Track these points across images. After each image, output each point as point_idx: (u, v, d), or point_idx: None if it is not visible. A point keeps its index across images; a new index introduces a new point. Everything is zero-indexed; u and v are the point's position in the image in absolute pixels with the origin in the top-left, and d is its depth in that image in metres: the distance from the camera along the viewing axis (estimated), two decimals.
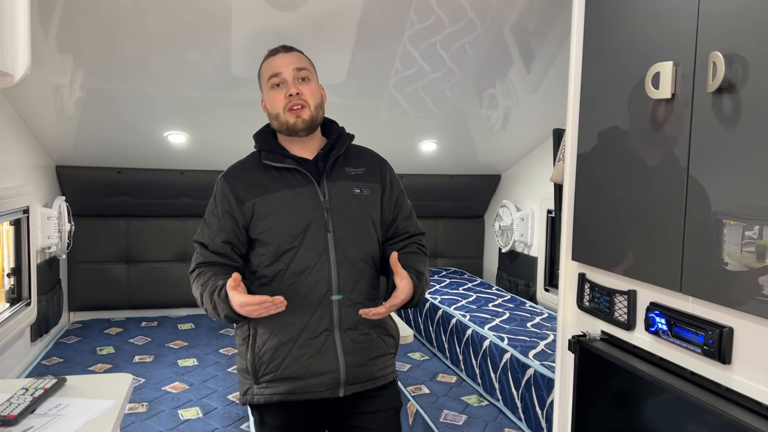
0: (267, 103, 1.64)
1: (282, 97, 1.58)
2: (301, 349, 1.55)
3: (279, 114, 1.59)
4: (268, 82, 1.62)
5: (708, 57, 1.11)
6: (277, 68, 1.61)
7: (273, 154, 1.62)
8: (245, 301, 1.40)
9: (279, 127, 1.62)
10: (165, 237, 4.28)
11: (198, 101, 3.30)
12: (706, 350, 1.15)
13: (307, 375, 1.56)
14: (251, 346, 1.58)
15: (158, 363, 3.23)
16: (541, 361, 2.51)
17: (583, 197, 1.52)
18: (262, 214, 1.57)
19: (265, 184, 1.60)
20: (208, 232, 1.61)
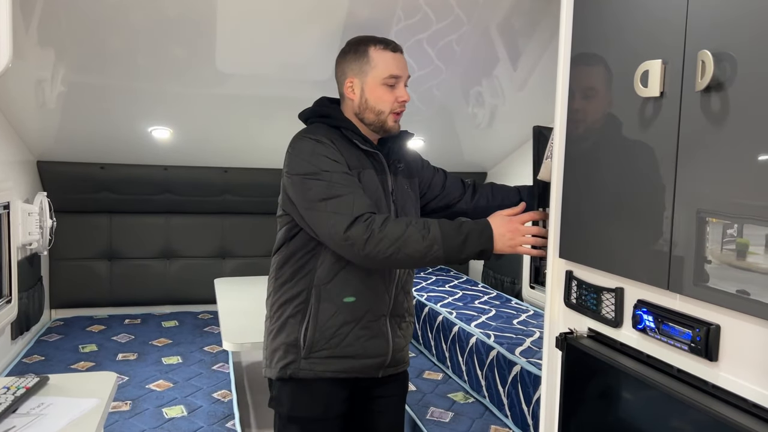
0: (372, 97, 1.65)
1: (393, 99, 1.64)
2: (362, 330, 1.62)
3: (383, 113, 1.64)
4: (385, 79, 1.63)
5: (697, 55, 1.12)
6: (399, 70, 1.66)
7: (357, 134, 1.65)
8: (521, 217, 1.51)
9: (373, 121, 1.65)
10: (148, 233, 4.23)
11: (182, 97, 3.26)
12: (693, 347, 1.15)
13: (362, 355, 1.63)
14: (311, 319, 1.59)
15: (142, 361, 3.19)
16: (527, 358, 2.52)
17: (571, 195, 1.52)
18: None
19: (354, 160, 1.62)
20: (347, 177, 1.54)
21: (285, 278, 1.66)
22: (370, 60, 1.64)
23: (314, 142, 1.57)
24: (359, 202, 1.50)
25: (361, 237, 1.46)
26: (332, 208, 1.50)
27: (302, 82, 3.01)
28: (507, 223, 1.50)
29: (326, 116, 1.68)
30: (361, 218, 1.48)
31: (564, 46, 1.57)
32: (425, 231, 1.46)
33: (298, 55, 2.90)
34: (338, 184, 1.52)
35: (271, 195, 4.23)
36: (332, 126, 1.65)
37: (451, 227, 1.48)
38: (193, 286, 4.26)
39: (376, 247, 1.46)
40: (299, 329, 1.61)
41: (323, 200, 1.51)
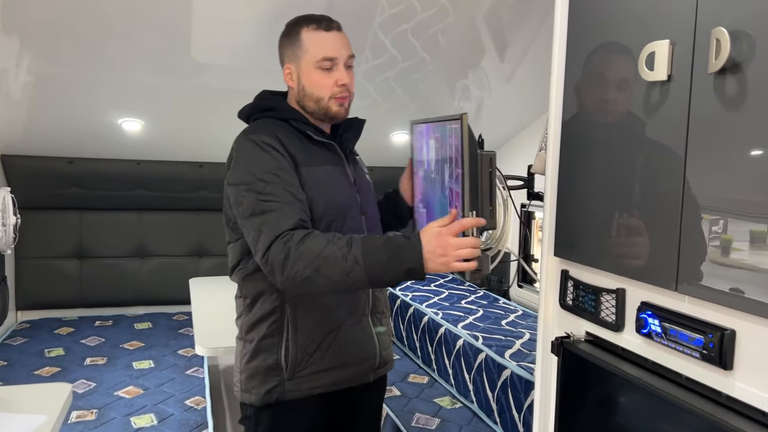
0: (308, 82, 1.52)
1: (331, 83, 1.50)
2: (345, 335, 1.52)
3: (323, 99, 1.51)
4: (318, 62, 1.50)
5: (710, 34, 1.02)
6: (333, 51, 1.50)
7: (307, 125, 1.52)
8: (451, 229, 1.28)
9: (315, 109, 1.53)
10: (121, 231, 4.08)
11: (155, 88, 3.14)
12: (706, 354, 1.06)
13: (351, 363, 1.53)
14: (290, 338, 1.47)
15: (111, 365, 3.05)
16: (518, 361, 2.42)
17: (567, 189, 1.42)
18: (311, 185, 1.45)
19: (308, 155, 1.49)
20: (286, 189, 1.38)
21: (252, 296, 1.53)
22: (302, 43, 1.52)
23: (253, 146, 1.42)
24: (286, 218, 1.34)
25: (278, 258, 1.30)
26: (257, 226, 1.36)
27: (281, 74, 2.91)
28: (437, 238, 1.28)
29: (270, 109, 1.55)
30: (281, 237, 1.32)
31: (559, 30, 1.47)
32: (346, 248, 1.29)
33: (274, 46, 2.78)
34: (270, 197, 1.37)
35: None
36: (280, 119, 1.52)
37: (375, 243, 1.30)
38: (168, 286, 4.12)
39: (293, 268, 1.29)
40: (278, 350, 1.48)
41: (251, 216, 1.37)
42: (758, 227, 0.95)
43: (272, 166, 1.40)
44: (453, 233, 1.30)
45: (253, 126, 1.53)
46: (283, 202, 1.37)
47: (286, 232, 1.32)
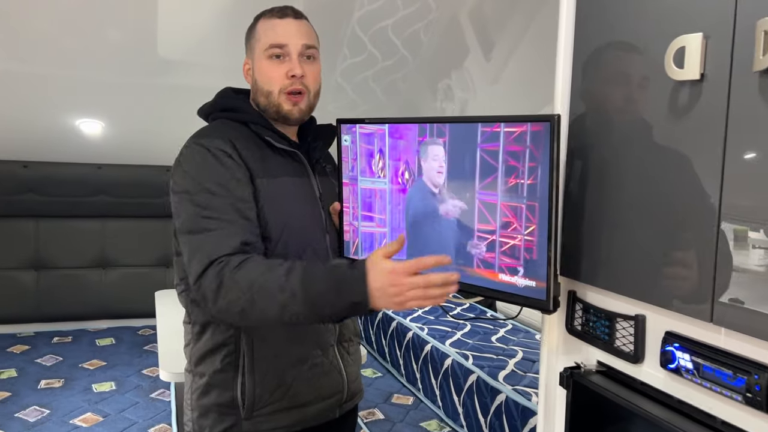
0: (258, 74, 1.36)
1: (281, 75, 1.33)
2: (311, 369, 1.35)
3: (272, 93, 1.34)
4: (266, 50, 1.34)
5: (755, 26, 0.89)
6: (283, 37, 1.34)
7: (268, 130, 1.36)
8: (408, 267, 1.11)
9: (267, 106, 1.36)
10: (81, 240, 3.92)
11: (117, 86, 2.99)
12: (750, 398, 0.92)
13: (316, 399, 1.37)
14: (248, 372, 1.30)
15: (68, 388, 2.85)
16: (513, 384, 2.28)
17: (575, 201, 1.28)
18: (265, 200, 1.28)
19: (266, 164, 1.31)
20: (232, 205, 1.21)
21: (201, 323, 1.35)
22: (256, 33, 1.39)
23: (204, 151, 1.25)
24: (226, 241, 1.18)
25: (211, 287, 1.15)
26: (193, 246, 1.19)
27: None
28: (389, 275, 1.12)
29: (230, 109, 1.38)
30: (216, 262, 1.16)
31: (566, 22, 1.33)
32: (284, 278, 1.13)
33: None
34: (212, 213, 1.20)
35: None
36: (239, 122, 1.36)
37: (317, 273, 1.15)
38: (133, 298, 3.98)
39: (225, 299, 1.14)
40: (234, 386, 1.31)
41: (188, 234, 1.21)
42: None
43: (222, 176, 1.23)
44: (408, 273, 1.12)
45: (207, 128, 1.36)
46: (227, 220, 1.20)
47: (223, 257, 1.16)
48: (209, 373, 1.33)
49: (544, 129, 1.24)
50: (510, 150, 1.30)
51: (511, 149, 1.30)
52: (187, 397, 1.40)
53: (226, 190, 1.22)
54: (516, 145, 1.29)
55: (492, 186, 1.32)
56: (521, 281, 1.30)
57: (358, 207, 1.57)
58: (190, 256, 1.20)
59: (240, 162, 1.26)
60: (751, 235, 0.92)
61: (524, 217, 1.28)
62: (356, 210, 1.54)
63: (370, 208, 1.58)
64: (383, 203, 1.56)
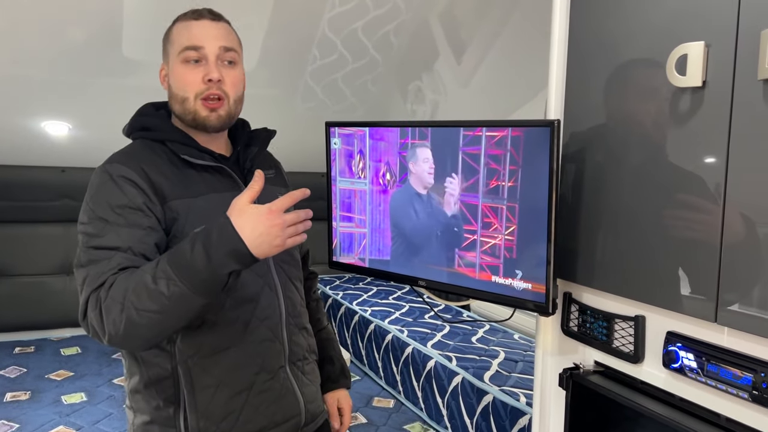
0: (173, 80, 1.25)
1: (197, 80, 1.22)
2: (260, 396, 1.25)
3: (188, 99, 1.23)
4: (181, 53, 1.23)
5: (759, 35, 0.92)
6: (198, 39, 1.23)
7: (186, 146, 1.25)
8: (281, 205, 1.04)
9: (183, 113, 1.25)
10: (44, 246, 3.80)
11: (82, 87, 2.90)
12: (757, 396, 0.95)
13: (268, 426, 1.27)
14: (188, 407, 1.20)
15: (36, 401, 2.73)
16: (499, 385, 2.29)
17: (571, 203, 1.30)
18: (190, 220, 1.18)
19: (186, 184, 1.21)
20: (123, 232, 1.11)
21: (132, 358, 1.24)
22: (170, 36, 1.28)
23: (106, 178, 1.16)
24: (109, 270, 1.09)
25: (94, 315, 1.07)
26: (80, 279, 1.11)
27: None
28: (265, 218, 1.05)
29: (145, 128, 1.28)
30: (95, 291, 1.08)
31: (559, 26, 1.34)
32: (154, 267, 1.06)
33: None
34: (103, 243, 1.11)
35: None
36: (157, 141, 1.26)
37: (182, 246, 1.07)
38: None
39: (108, 320, 1.05)
40: (176, 422, 1.21)
41: (78, 267, 1.13)
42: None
43: (119, 203, 1.14)
44: (282, 208, 1.07)
45: (119, 152, 1.25)
46: (118, 249, 1.11)
47: (100, 285, 1.08)
48: (148, 411, 1.22)
49: (524, 134, 1.26)
50: (491, 153, 1.31)
51: (492, 153, 1.31)
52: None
53: (121, 217, 1.13)
54: (497, 148, 1.30)
55: (474, 188, 1.33)
56: (518, 284, 1.32)
57: (337, 208, 1.54)
58: (79, 291, 1.11)
59: (146, 188, 1.16)
60: (754, 237, 0.95)
61: (505, 218, 1.30)
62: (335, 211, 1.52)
63: (349, 208, 1.56)
64: (363, 204, 1.54)
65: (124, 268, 1.08)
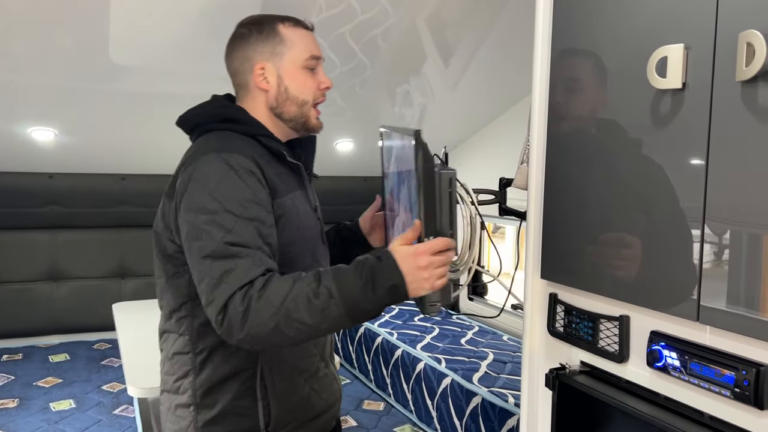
0: (293, 83, 1.30)
1: (315, 86, 1.32)
2: (320, 381, 1.37)
3: (306, 103, 1.31)
4: (307, 60, 1.31)
5: (737, 38, 0.93)
6: (318, 50, 1.34)
7: (278, 143, 1.31)
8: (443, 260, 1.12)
9: (294, 115, 1.31)
10: (31, 252, 3.75)
11: (69, 92, 2.88)
12: (739, 393, 0.96)
13: (325, 409, 1.38)
14: (271, 396, 1.27)
15: (24, 408, 2.71)
16: (488, 387, 2.29)
17: (555, 204, 1.31)
18: (287, 218, 1.23)
19: (285, 179, 1.28)
20: (256, 228, 1.14)
21: (211, 350, 1.25)
22: (285, 39, 1.30)
23: (226, 168, 1.17)
24: (254, 268, 1.11)
25: (237, 312, 1.08)
26: (217, 273, 1.11)
27: (212, 77, 2.70)
28: (415, 258, 1.11)
29: (232, 120, 1.29)
30: (242, 288, 1.10)
31: (542, 29, 1.35)
32: (315, 283, 1.09)
33: (206, 47, 2.58)
34: (238, 238, 1.13)
35: None
36: (246, 134, 1.27)
37: (347, 271, 1.11)
38: (87, 311, 3.83)
39: (255, 321, 1.08)
40: (255, 412, 1.25)
41: (209, 258, 1.12)
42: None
43: (246, 198, 1.15)
44: (432, 251, 1.13)
45: (219, 140, 1.25)
46: (252, 247, 1.13)
47: (247, 285, 1.09)
48: (224, 402, 1.24)
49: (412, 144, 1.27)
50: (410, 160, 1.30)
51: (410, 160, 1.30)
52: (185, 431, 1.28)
53: (249, 213, 1.14)
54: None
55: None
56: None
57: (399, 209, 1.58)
58: (211, 283, 1.10)
59: (263, 182, 1.20)
60: (735, 237, 0.96)
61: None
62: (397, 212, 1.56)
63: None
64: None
65: (268, 269, 1.12)
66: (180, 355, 1.28)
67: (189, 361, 1.27)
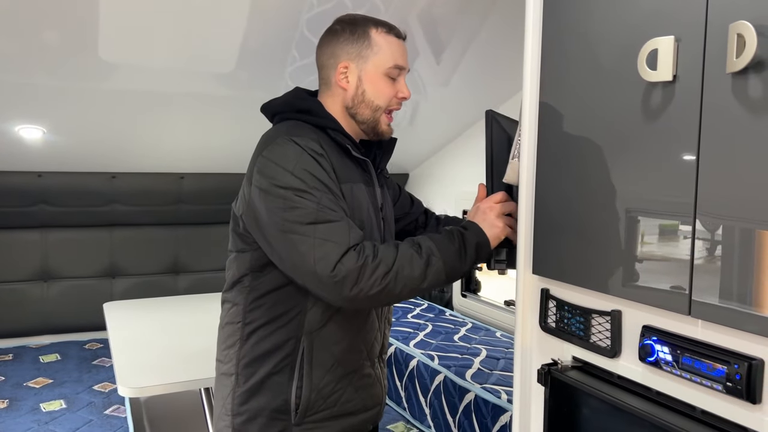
0: (371, 88, 1.36)
1: (392, 94, 1.37)
2: (362, 379, 1.39)
3: (379, 109, 1.37)
4: (390, 68, 1.36)
5: (727, 29, 0.92)
6: (404, 61, 1.39)
7: (345, 137, 1.36)
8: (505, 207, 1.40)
9: (369, 119, 1.37)
10: (20, 252, 3.71)
11: (57, 91, 2.83)
12: (731, 387, 0.95)
13: (361, 410, 1.40)
14: (305, 376, 1.30)
15: (14, 409, 2.68)
16: (481, 383, 2.29)
17: (547, 200, 1.30)
18: (349, 206, 1.31)
19: (347, 170, 1.34)
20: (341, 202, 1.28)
21: (258, 323, 1.33)
22: (373, 44, 1.35)
23: (300, 150, 1.26)
24: (354, 230, 1.25)
25: (354, 268, 1.20)
26: (323, 234, 1.21)
27: (202, 75, 2.73)
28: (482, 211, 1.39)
29: (307, 111, 1.36)
30: (354, 248, 1.22)
31: (533, 24, 1.34)
32: (416, 246, 1.27)
33: (196, 44, 2.57)
34: (331, 206, 1.24)
35: (170, 203, 3.93)
36: (317, 126, 1.34)
37: (440, 236, 1.32)
38: (78, 311, 3.80)
39: (371, 278, 1.20)
40: (288, 389, 1.30)
41: (313, 224, 1.22)
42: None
43: (323, 177, 1.26)
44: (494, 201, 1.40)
45: (288, 128, 1.33)
46: (342, 216, 1.25)
47: (356, 244, 1.23)
48: (261, 374, 1.31)
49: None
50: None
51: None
52: (225, 402, 1.36)
53: (328, 189, 1.25)
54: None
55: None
56: None
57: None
58: (315, 244, 1.20)
59: (328, 168, 1.28)
60: (726, 230, 0.95)
61: None
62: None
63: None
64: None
65: (360, 235, 1.25)
66: (231, 325, 1.37)
67: (237, 331, 1.35)
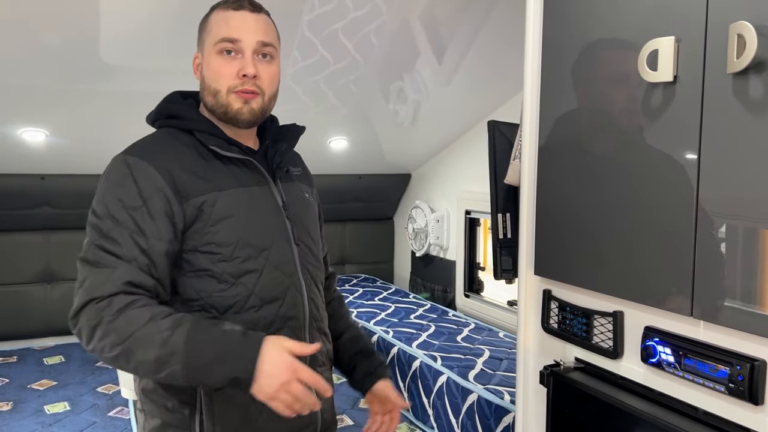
0: (207, 71, 1.21)
1: (232, 72, 1.18)
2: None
3: (220, 92, 1.19)
4: (217, 44, 1.19)
5: (728, 30, 0.92)
6: (236, 31, 1.19)
7: (215, 137, 1.20)
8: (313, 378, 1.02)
9: (215, 106, 1.21)
10: (24, 254, 3.68)
11: (59, 93, 2.82)
12: (733, 388, 0.95)
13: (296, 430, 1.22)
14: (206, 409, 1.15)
15: (18, 411, 2.68)
16: (484, 384, 2.28)
17: (549, 201, 1.30)
18: (214, 218, 1.15)
19: (210, 177, 1.17)
20: (133, 238, 1.08)
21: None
22: (208, 24, 1.23)
23: (125, 170, 1.13)
24: (114, 280, 1.06)
25: (88, 325, 1.05)
26: (81, 277, 1.08)
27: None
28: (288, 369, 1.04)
29: (175, 116, 1.24)
30: (96, 300, 1.05)
31: (533, 25, 1.34)
32: (168, 332, 1.03)
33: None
34: (110, 245, 1.08)
35: None
36: (184, 130, 1.22)
37: (207, 335, 1.06)
38: None
39: (101, 342, 1.04)
40: (191, 426, 1.16)
41: (82, 261, 1.10)
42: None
43: (134, 204, 1.11)
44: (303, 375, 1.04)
45: (144, 140, 1.22)
46: (121, 256, 1.08)
47: (106, 297, 1.05)
48: (161, 412, 1.18)
49: None
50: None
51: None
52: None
53: (132, 220, 1.09)
54: None
55: None
56: None
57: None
58: (76, 285, 1.08)
59: (165, 189, 1.13)
60: (728, 231, 0.95)
61: None
62: None
63: None
64: None
65: (135, 285, 1.06)
66: None
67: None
